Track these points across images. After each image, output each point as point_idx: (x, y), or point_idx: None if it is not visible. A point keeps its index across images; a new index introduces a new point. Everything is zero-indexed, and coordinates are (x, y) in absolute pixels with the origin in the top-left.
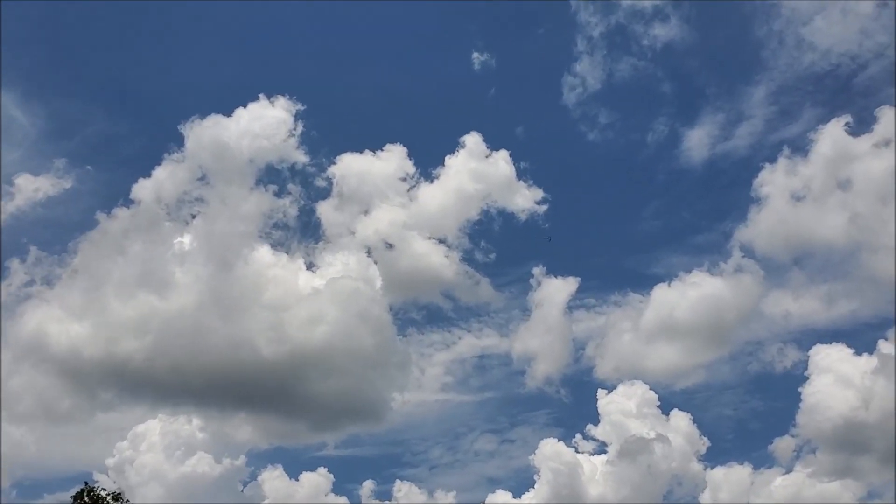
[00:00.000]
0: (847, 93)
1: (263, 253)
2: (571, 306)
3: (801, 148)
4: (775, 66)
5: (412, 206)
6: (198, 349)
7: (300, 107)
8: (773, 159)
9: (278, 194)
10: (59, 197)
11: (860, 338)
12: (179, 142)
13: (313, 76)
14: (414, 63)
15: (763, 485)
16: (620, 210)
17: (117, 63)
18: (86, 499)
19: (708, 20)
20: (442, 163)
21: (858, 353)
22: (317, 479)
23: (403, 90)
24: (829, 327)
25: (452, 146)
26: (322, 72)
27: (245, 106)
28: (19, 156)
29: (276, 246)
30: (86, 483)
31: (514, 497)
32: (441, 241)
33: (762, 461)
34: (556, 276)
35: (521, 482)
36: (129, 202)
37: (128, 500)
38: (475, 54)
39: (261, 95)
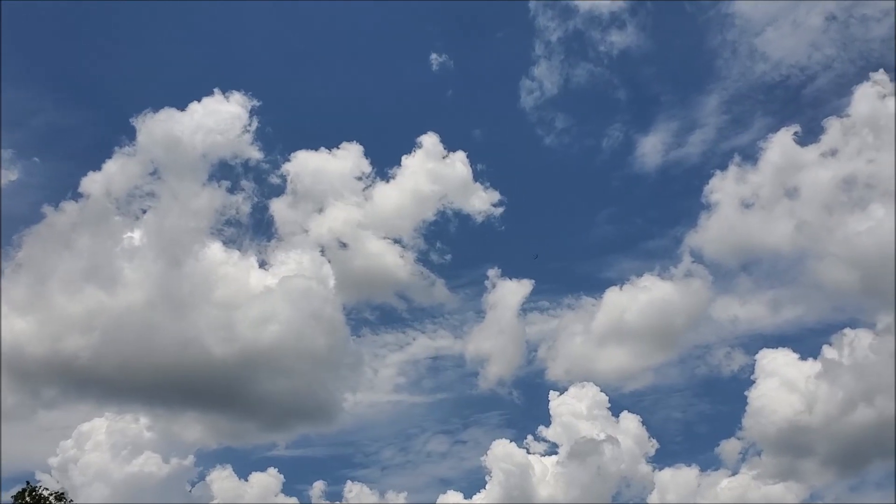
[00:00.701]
0: (796, 103)
1: (215, 250)
2: (525, 309)
3: (750, 156)
4: (728, 76)
5: (367, 205)
6: (146, 347)
7: (256, 103)
8: (723, 167)
9: (231, 190)
10: (5, 189)
11: (805, 343)
12: (131, 135)
13: (270, 72)
14: (372, 63)
15: (709, 486)
16: (575, 214)
17: (70, 52)
18: (27, 499)
19: (664, 28)
20: (398, 163)
21: (803, 357)
22: (266, 480)
23: (361, 89)
24: (774, 333)
25: (409, 146)
26: (279, 69)
27: (199, 100)
28: None
29: (228, 243)
30: (27, 483)
31: (466, 498)
32: (396, 242)
33: (709, 463)
34: (510, 279)
35: (473, 483)
36: (77, 196)
37: (71, 500)
38: (433, 55)
39: (216, 90)
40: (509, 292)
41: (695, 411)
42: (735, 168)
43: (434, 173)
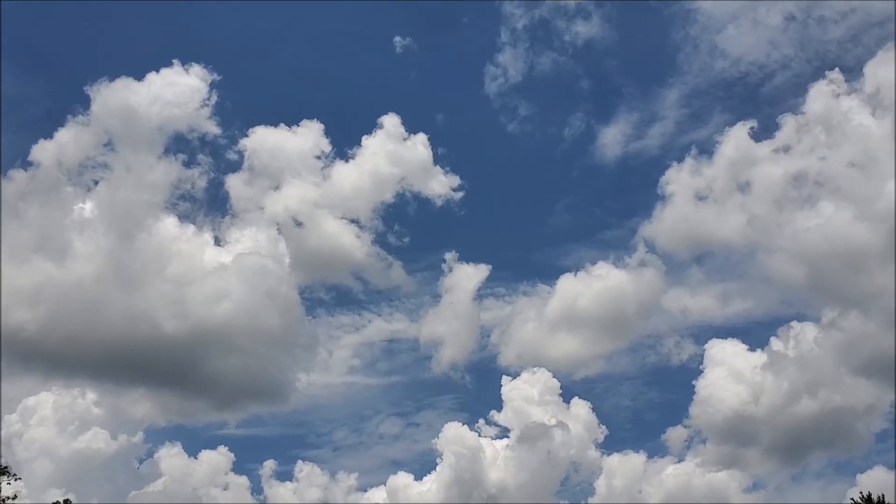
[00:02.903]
0: (754, 100)
1: (169, 224)
2: (481, 294)
3: (707, 150)
4: (689, 71)
5: (325, 184)
6: (95, 321)
7: (216, 76)
8: (681, 159)
9: (187, 165)
10: None
11: (753, 335)
12: (85, 104)
13: (232, 47)
14: (336, 43)
15: (655, 473)
16: (535, 202)
17: (25, 18)
18: None
19: (628, 21)
20: (359, 143)
21: (751, 349)
22: (217, 458)
23: (324, 68)
24: (724, 324)
25: (370, 127)
26: (242, 43)
27: (158, 71)
28: None
29: (183, 218)
30: None
31: (416, 479)
32: (353, 222)
33: (656, 450)
34: (467, 263)
35: (424, 465)
36: (27, 164)
37: (15, 475)
38: (397, 38)
39: (175, 61)
40: (465, 277)
41: (644, 399)
42: (691, 161)
43: (394, 155)
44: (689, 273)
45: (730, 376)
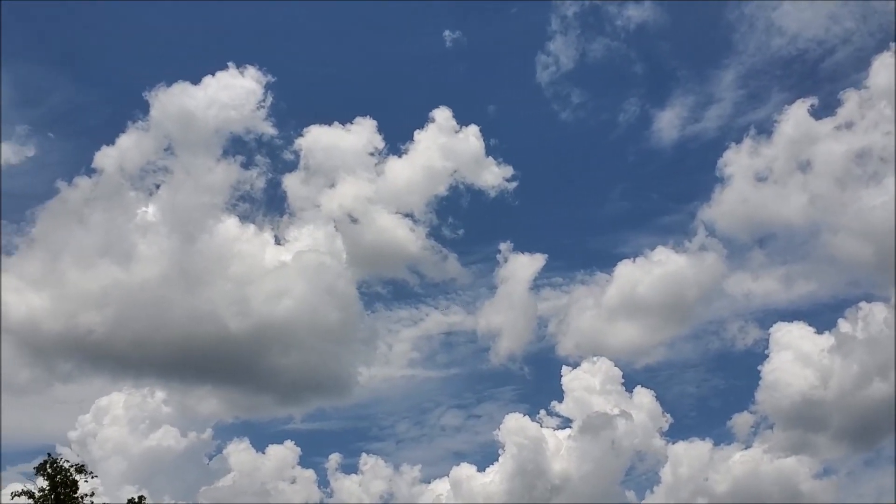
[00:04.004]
0: (814, 77)
1: (229, 225)
2: (538, 284)
3: (766, 130)
4: (745, 50)
5: (379, 180)
6: (161, 322)
7: (270, 78)
8: (738, 140)
9: (245, 166)
10: (22, 166)
11: (819, 317)
12: (145, 109)
13: (285, 48)
14: (386, 40)
15: (722, 460)
16: (590, 189)
17: (83, 28)
18: (48, 470)
19: (680, 3)
20: (411, 138)
21: (818, 331)
22: (283, 452)
23: (375, 65)
24: (789, 307)
25: (422, 121)
26: (294, 44)
27: (213, 74)
28: None
29: (243, 218)
30: (48, 455)
31: (479, 471)
32: (407, 216)
33: (722, 437)
34: (522, 253)
35: (486, 456)
36: (91, 171)
37: (92, 473)
38: (447, 32)
39: (230, 64)
40: (521, 267)
41: (708, 386)
42: (749, 142)
43: (446, 148)
44: (751, 256)
45: (796, 360)
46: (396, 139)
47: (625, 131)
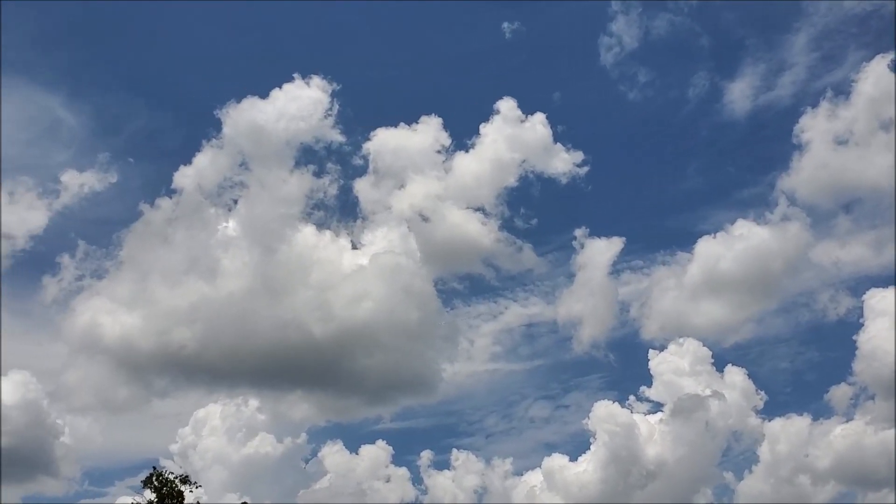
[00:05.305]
0: (892, 32)
1: (307, 234)
2: (617, 268)
3: (843, 91)
4: (816, 12)
5: (448, 177)
6: (248, 332)
7: (335, 86)
8: (815, 104)
9: (317, 174)
10: (106, 192)
11: None
12: (217, 127)
13: (346, 54)
14: (445, 37)
15: (822, 435)
16: (664, 168)
17: (154, 54)
18: (155, 483)
19: None
20: (477, 132)
21: None
22: (376, 452)
23: (436, 63)
24: (881, 273)
25: (487, 114)
26: (354, 49)
27: (280, 87)
28: (70, 155)
29: (319, 226)
30: (154, 468)
31: (571, 460)
32: (478, 210)
33: (820, 411)
34: (599, 238)
35: (578, 446)
36: (171, 192)
37: (196, 483)
38: (505, 24)
39: (295, 76)
40: (598, 252)
41: (802, 359)
42: (826, 105)
43: (513, 138)
44: (837, 223)
45: (894, 326)
46: (462, 134)
47: (695, 106)
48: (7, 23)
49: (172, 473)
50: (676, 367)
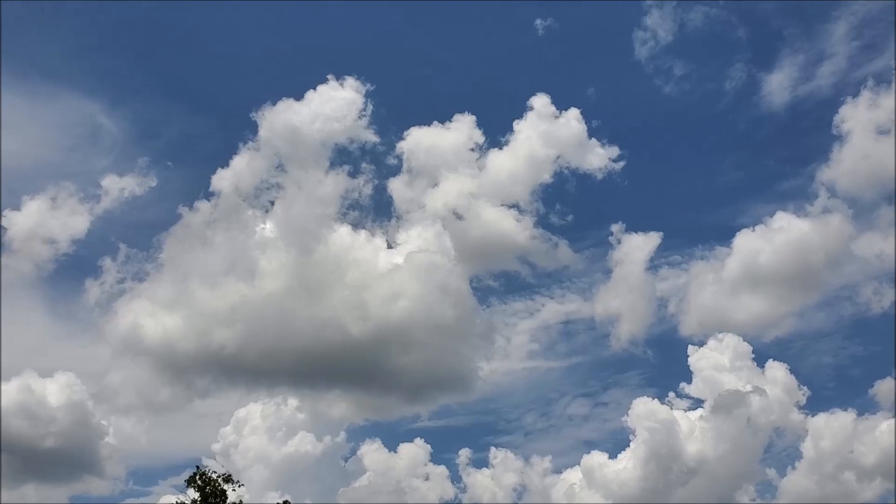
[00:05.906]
0: None
1: (343, 234)
2: (654, 264)
3: (884, 79)
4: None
5: (482, 175)
6: (287, 332)
7: (369, 86)
8: (855, 94)
9: (352, 175)
10: (146, 196)
11: None
12: (254, 130)
13: (379, 54)
14: (477, 35)
15: (867, 430)
16: (701, 161)
17: (190, 59)
18: (198, 482)
19: None
20: (511, 129)
21: None
22: (415, 450)
23: (468, 61)
24: None
25: (520, 111)
26: (387, 49)
27: (315, 89)
28: (110, 160)
29: (355, 226)
30: (197, 467)
31: (610, 458)
32: (512, 207)
33: (866, 406)
34: (636, 233)
35: (617, 443)
36: (209, 194)
37: (238, 482)
38: (538, 21)
39: (329, 77)
40: (635, 248)
41: (846, 354)
42: (867, 94)
43: (547, 134)
44: (879, 214)
45: None
46: (496, 132)
47: (732, 99)
48: (48, 32)
49: (215, 472)
50: (716, 362)
